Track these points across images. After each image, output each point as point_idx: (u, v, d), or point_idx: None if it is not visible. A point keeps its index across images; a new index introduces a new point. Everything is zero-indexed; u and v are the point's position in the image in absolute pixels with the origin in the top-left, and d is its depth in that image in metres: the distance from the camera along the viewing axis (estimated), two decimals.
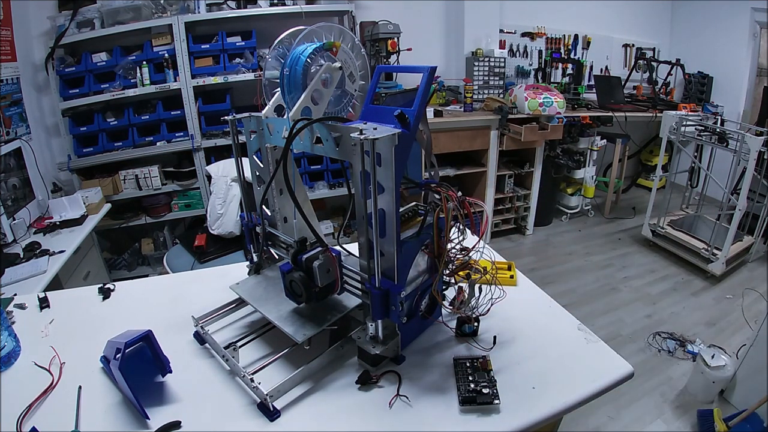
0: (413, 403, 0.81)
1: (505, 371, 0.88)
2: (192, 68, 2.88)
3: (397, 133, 0.75)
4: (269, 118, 0.97)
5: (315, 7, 3.03)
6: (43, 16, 2.75)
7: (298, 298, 0.91)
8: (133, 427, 0.79)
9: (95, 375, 0.92)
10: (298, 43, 0.90)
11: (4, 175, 2.26)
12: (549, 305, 1.12)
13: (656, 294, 2.96)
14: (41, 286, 1.80)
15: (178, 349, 0.96)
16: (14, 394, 0.86)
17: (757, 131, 3.00)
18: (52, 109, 2.88)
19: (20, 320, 1.11)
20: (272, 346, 0.97)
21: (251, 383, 0.82)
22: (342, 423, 0.78)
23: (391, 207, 0.78)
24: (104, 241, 3.19)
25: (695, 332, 2.57)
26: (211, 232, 2.40)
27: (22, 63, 2.69)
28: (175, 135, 3.00)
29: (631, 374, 0.88)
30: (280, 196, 1.07)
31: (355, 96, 0.97)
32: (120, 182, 3.00)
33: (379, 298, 0.82)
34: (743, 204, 2.93)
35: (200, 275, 1.34)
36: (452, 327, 1.00)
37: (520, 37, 4.10)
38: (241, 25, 3.00)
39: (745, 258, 3.29)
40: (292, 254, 0.92)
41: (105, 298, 1.20)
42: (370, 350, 0.86)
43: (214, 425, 0.79)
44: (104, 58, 2.81)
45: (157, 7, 2.80)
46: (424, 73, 0.80)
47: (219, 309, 1.05)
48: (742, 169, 3.02)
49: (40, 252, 2.06)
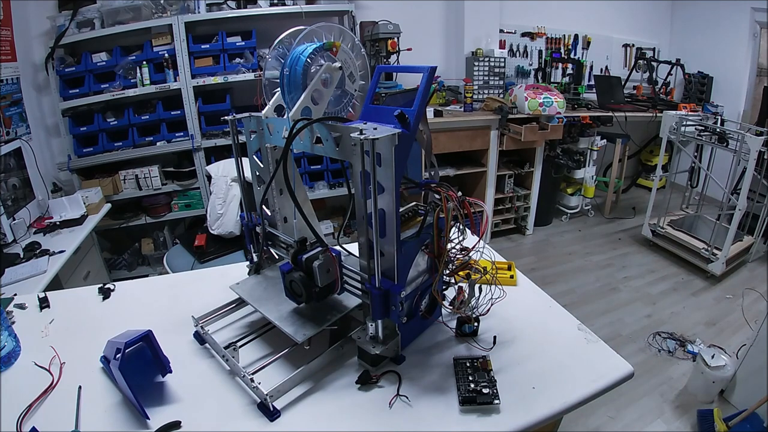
0: (413, 403, 0.81)
1: (505, 371, 0.89)
2: (192, 68, 2.88)
3: (397, 133, 0.75)
4: (269, 118, 0.97)
5: (315, 7, 3.03)
6: (43, 16, 2.75)
7: (298, 298, 0.91)
8: (133, 427, 0.79)
9: (95, 375, 0.92)
10: (298, 43, 0.90)
11: (4, 175, 2.26)
12: (549, 305, 1.12)
13: (656, 294, 2.96)
14: (41, 286, 1.79)
15: (178, 349, 0.96)
16: (14, 394, 0.86)
17: (757, 131, 3.00)
18: (52, 109, 2.87)
19: (20, 320, 1.11)
20: (272, 346, 0.97)
21: (251, 383, 0.82)
22: (342, 423, 0.78)
23: (391, 207, 0.78)
24: (104, 241, 3.19)
25: (695, 332, 2.57)
26: (211, 232, 2.40)
27: (22, 63, 2.69)
28: (175, 135, 3.00)
29: (631, 374, 0.88)
30: (280, 196, 1.07)
31: (355, 96, 0.97)
32: (120, 182, 3.00)
33: (379, 298, 0.82)
34: (743, 204, 2.93)
35: (200, 275, 1.34)
36: (452, 327, 1.00)
37: (520, 37, 4.10)
38: (241, 25, 3.00)
39: (745, 258, 3.29)
40: (292, 254, 0.92)
41: (105, 298, 1.20)
42: (370, 350, 0.86)
43: (214, 425, 0.79)
44: (104, 58, 2.81)
45: (157, 7, 2.80)
46: (424, 73, 0.80)
47: (219, 309, 1.05)
48: (742, 169, 3.02)
49: (40, 252, 2.06)
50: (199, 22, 2.90)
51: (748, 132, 2.94)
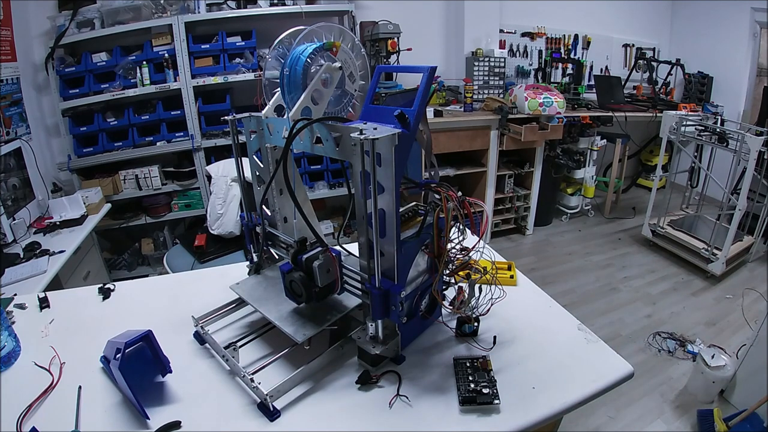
0: (413, 403, 0.81)
1: (505, 371, 0.89)
2: (192, 68, 2.88)
3: (397, 133, 0.75)
4: (269, 118, 0.97)
5: (315, 7, 3.03)
6: (43, 16, 2.75)
7: (298, 298, 0.91)
8: (133, 427, 0.79)
9: (95, 375, 0.92)
10: (298, 43, 0.90)
11: (4, 175, 2.26)
12: (549, 305, 1.12)
13: (656, 294, 2.96)
14: (41, 286, 1.79)
15: (178, 349, 0.96)
16: (14, 394, 0.86)
17: (757, 131, 3.00)
18: (52, 109, 2.87)
19: (20, 320, 1.11)
20: (272, 346, 0.97)
21: (251, 383, 0.82)
22: (342, 423, 0.78)
23: (391, 207, 0.78)
24: (104, 241, 3.19)
25: (695, 332, 2.57)
26: (211, 232, 2.40)
27: (22, 63, 2.69)
28: (175, 135, 3.00)
29: (631, 374, 0.88)
30: (280, 196, 1.07)
31: (355, 96, 0.97)
32: (120, 182, 3.00)
33: (379, 298, 0.82)
34: (743, 204, 2.93)
35: (200, 275, 1.34)
36: (452, 327, 1.00)
37: (520, 37, 4.10)
38: (241, 25, 3.00)
39: (745, 258, 3.29)
40: (292, 254, 0.92)
41: (105, 298, 1.20)
42: (370, 350, 0.86)
43: (214, 425, 0.79)
44: (104, 58, 2.81)
45: (157, 7, 2.80)
46: (424, 73, 0.79)
47: (219, 309, 1.05)
48: (742, 169, 3.02)
49: (40, 252, 2.06)
50: (199, 22, 2.90)
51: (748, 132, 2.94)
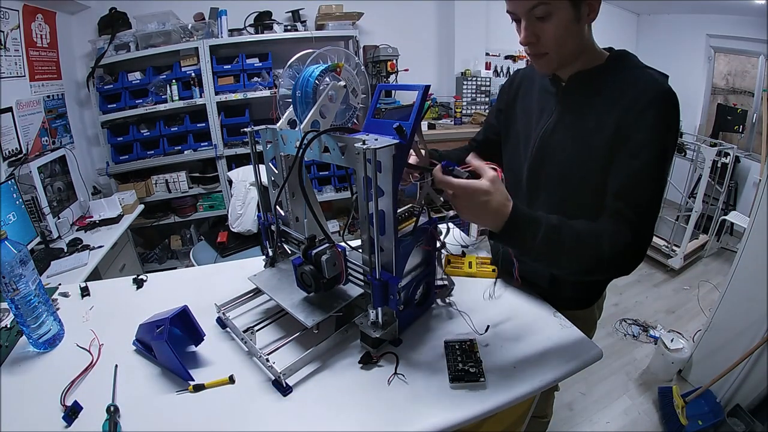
0: (409, 381, 0.81)
1: (489, 353, 0.88)
2: (215, 86, 2.88)
3: (395, 143, 0.75)
4: (283, 130, 0.96)
5: (323, 33, 3.03)
6: (85, 39, 2.76)
7: (308, 288, 0.91)
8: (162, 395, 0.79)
9: (130, 355, 0.92)
10: (308, 64, 0.90)
11: (50, 179, 2.26)
12: (527, 295, 1.12)
13: (622, 285, 2.95)
14: (82, 276, 1.79)
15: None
16: (58, 372, 0.86)
17: (711, 143, 3.01)
18: (93, 122, 2.87)
19: (64, 307, 1.11)
20: (285, 330, 0.97)
21: (267, 363, 0.82)
22: (346, 398, 0.78)
23: (389, 208, 0.78)
24: (138, 238, 3.18)
25: (656, 319, 2.57)
26: (231, 229, 2.40)
27: (66, 81, 2.69)
28: (201, 144, 3.00)
29: (600, 355, 0.88)
30: (292, 199, 1.07)
31: (358, 110, 0.97)
32: (152, 186, 3.00)
33: (379, 289, 0.82)
34: (699, 206, 2.94)
35: (222, 268, 1.34)
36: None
37: (503, 59, 4.09)
38: (258, 48, 3.00)
39: (701, 254, 3.29)
40: (303, 249, 0.92)
41: (138, 288, 1.20)
42: (371, 334, 0.86)
43: (234, 399, 0.79)
44: (138, 77, 2.81)
45: (185, 32, 2.80)
46: (419, 91, 0.79)
47: (238, 297, 1.05)
48: (698, 176, 3.03)
49: (82, 247, 2.06)
50: (222, 46, 2.90)
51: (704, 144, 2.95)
